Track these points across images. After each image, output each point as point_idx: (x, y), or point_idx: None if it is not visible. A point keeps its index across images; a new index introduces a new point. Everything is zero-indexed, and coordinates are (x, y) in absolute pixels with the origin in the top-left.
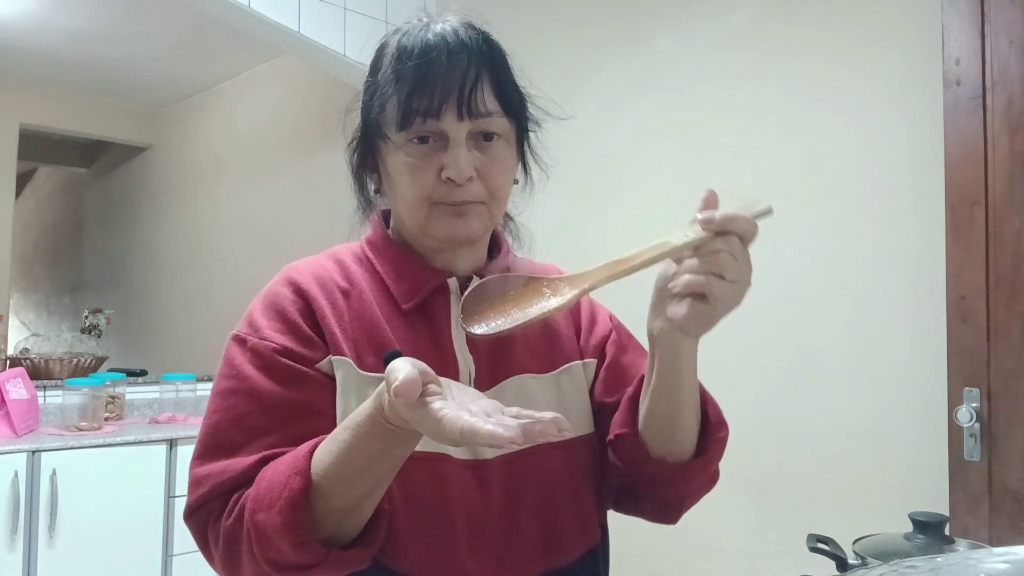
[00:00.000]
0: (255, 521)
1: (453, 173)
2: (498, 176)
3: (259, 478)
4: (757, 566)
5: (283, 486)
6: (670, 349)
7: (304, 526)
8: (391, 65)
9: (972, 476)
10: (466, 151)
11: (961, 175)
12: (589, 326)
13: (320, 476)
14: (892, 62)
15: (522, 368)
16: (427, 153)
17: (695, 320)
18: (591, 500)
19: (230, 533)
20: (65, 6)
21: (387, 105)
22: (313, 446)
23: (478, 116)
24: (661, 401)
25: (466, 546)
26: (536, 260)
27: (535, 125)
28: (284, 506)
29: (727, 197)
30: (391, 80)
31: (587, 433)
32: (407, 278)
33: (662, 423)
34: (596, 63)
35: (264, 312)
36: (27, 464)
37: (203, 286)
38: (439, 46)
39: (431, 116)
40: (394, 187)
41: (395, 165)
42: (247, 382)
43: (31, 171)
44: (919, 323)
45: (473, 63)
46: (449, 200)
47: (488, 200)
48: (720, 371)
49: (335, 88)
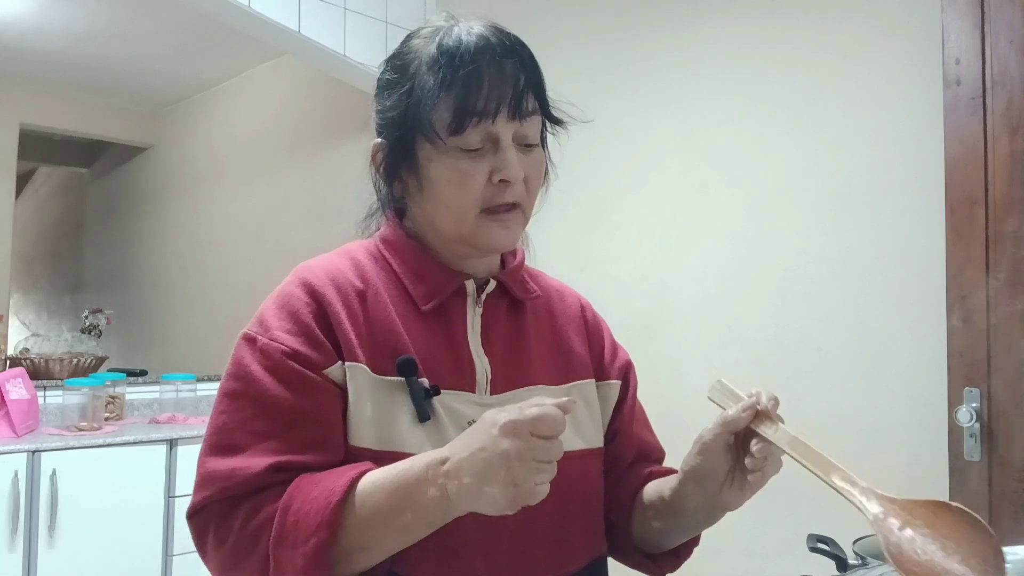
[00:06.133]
0: (276, 554)
1: (507, 174)
2: (537, 180)
3: (287, 503)
4: (757, 566)
5: (313, 531)
6: (720, 497)
7: (323, 574)
8: (434, 65)
9: (972, 476)
10: (515, 152)
11: (961, 175)
12: (612, 352)
13: (350, 525)
14: (892, 62)
15: (535, 378)
16: (476, 159)
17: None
18: (600, 510)
19: (243, 544)
20: (65, 6)
21: (437, 106)
22: (346, 487)
23: (526, 116)
24: (683, 520)
25: (479, 552)
26: (534, 266)
27: (560, 126)
28: (309, 552)
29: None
30: (437, 82)
31: (597, 447)
32: (426, 279)
33: (669, 536)
34: (596, 66)
35: (276, 312)
36: (27, 464)
37: (203, 286)
38: (487, 49)
39: (487, 117)
40: (436, 194)
41: (441, 171)
42: (255, 384)
43: (31, 171)
44: (919, 323)
45: (520, 65)
46: (499, 202)
47: (526, 204)
48: (720, 371)
49: (335, 88)
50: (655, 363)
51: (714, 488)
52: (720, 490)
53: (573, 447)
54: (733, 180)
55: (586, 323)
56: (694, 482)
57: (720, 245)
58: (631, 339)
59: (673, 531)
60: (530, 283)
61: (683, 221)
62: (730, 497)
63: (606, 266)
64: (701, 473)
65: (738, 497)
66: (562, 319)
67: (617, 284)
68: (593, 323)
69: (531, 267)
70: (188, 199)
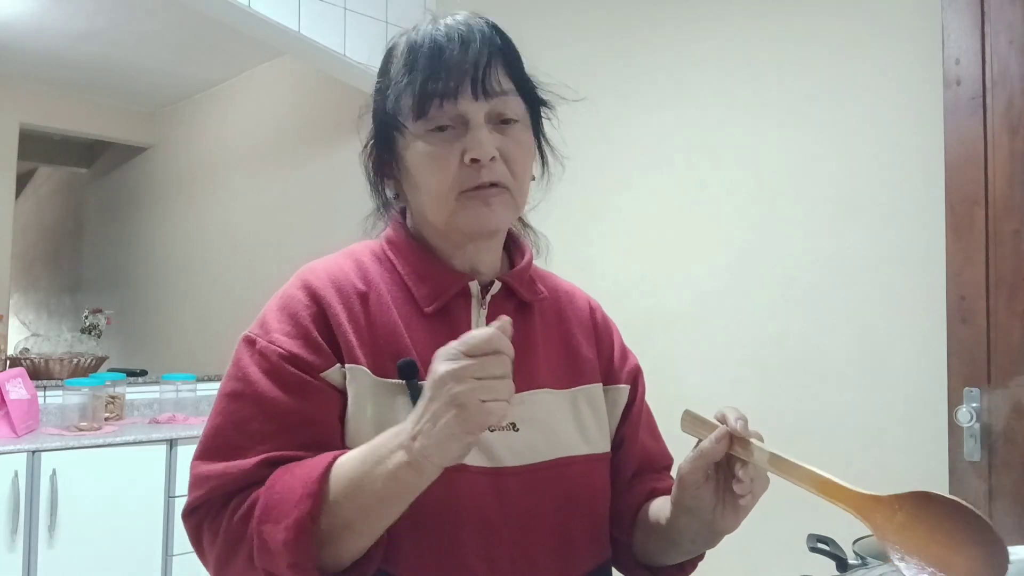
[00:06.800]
0: (261, 531)
1: (476, 152)
2: (520, 158)
3: (271, 484)
4: (757, 566)
5: (295, 504)
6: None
7: (306, 550)
8: (403, 59)
9: (972, 476)
10: (487, 131)
11: (961, 175)
12: (622, 356)
13: (331, 499)
14: (892, 62)
15: (541, 382)
16: (447, 140)
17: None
18: (605, 515)
19: (233, 533)
20: (65, 6)
21: (402, 97)
22: (329, 464)
23: (493, 95)
24: (682, 546)
25: (480, 555)
26: (544, 267)
27: (549, 108)
28: (291, 524)
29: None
30: (404, 73)
31: (603, 452)
32: (429, 281)
33: (671, 556)
34: (596, 65)
35: (277, 314)
36: (27, 464)
37: (203, 286)
38: (450, 35)
39: (448, 98)
40: (415, 181)
41: (415, 157)
42: (252, 387)
43: (31, 171)
44: (919, 323)
45: (485, 46)
46: (475, 183)
47: (511, 184)
48: (720, 371)
49: (335, 88)
50: (655, 363)
51: (706, 516)
52: (713, 517)
53: (578, 452)
54: (733, 180)
55: (595, 325)
56: (685, 514)
57: (720, 245)
58: (630, 340)
59: (673, 554)
60: (538, 284)
61: (683, 221)
62: (725, 522)
63: (605, 267)
64: (688, 505)
65: (733, 520)
66: (570, 321)
67: (617, 284)
68: (603, 326)
69: (540, 267)
70: (188, 199)
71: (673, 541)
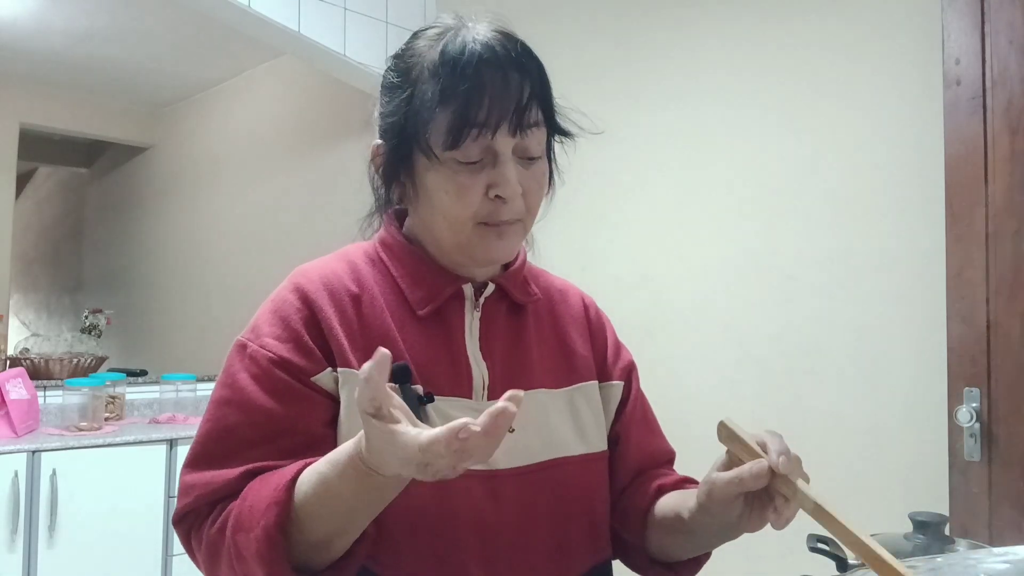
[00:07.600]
0: (235, 540)
1: (505, 191)
2: (537, 191)
3: (245, 494)
4: (757, 566)
5: (262, 513)
6: (739, 527)
7: (277, 556)
8: (436, 74)
9: (972, 476)
10: (513, 168)
11: (961, 175)
12: (615, 352)
13: (298, 507)
14: (892, 62)
15: (537, 382)
16: (474, 171)
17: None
18: (603, 515)
19: (213, 543)
20: (65, 6)
21: (434, 118)
22: (297, 472)
23: (527, 128)
24: (703, 540)
25: (476, 557)
26: (536, 265)
27: (567, 136)
28: (260, 535)
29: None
30: (435, 88)
31: (600, 451)
32: (423, 284)
33: (689, 550)
34: (596, 65)
35: (268, 318)
36: (27, 464)
37: (203, 286)
38: (491, 60)
39: (487, 132)
40: (432, 203)
41: (438, 182)
42: (241, 392)
43: (31, 171)
44: (919, 323)
45: (526, 77)
46: (495, 219)
47: (525, 217)
48: (720, 371)
49: (335, 88)
50: (655, 363)
51: (731, 520)
52: (738, 522)
53: (574, 452)
54: (733, 180)
55: (589, 322)
56: (709, 515)
57: (720, 245)
58: (631, 339)
59: (693, 547)
60: (531, 285)
61: (683, 221)
62: (751, 525)
63: (606, 266)
64: (715, 511)
65: (759, 524)
66: (564, 320)
67: (617, 284)
68: (596, 322)
69: (534, 266)
70: (188, 199)
71: (693, 533)
